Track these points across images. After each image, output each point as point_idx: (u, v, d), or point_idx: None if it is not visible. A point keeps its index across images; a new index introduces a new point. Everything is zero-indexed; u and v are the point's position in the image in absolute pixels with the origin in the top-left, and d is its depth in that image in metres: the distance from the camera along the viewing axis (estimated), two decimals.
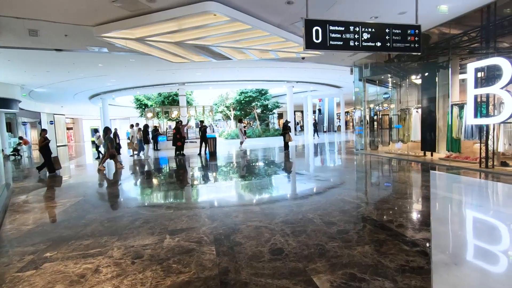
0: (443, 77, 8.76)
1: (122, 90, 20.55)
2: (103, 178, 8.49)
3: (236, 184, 6.90)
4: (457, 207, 4.54)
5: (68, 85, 17.17)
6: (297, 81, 20.99)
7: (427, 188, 5.57)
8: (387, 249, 2.90)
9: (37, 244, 3.42)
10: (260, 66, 15.18)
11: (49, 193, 6.71)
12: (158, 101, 24.97)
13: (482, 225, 3.73)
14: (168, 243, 3.30)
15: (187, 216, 4.29)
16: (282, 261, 2.74)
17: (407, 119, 10.10)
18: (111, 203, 5.65)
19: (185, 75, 17.00)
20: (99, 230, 3.84)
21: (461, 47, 8.53)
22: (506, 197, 5.12)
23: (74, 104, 26.83)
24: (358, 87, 12.54)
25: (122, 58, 11.54)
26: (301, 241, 3.18)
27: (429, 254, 2.77)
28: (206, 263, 2.77)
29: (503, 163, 6.83)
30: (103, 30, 7.21)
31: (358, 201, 4.83)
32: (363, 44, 5.25)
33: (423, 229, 3.41)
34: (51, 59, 11.16)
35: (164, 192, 6.33)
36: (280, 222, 3.84)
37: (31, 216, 4.67)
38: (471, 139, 7.75)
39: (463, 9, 7.01)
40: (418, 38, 5.56)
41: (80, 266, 2.82)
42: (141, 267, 2.74)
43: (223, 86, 23.17)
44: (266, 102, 27.61)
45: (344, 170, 8.38)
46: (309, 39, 4.97)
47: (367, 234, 3.35)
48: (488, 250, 2.93)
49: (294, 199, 5.26)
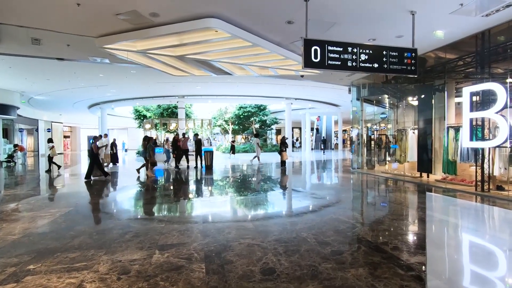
0: (439, 100, 8.88)
1: (122, 100, 20.64)
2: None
3: (230, 199, 6.81)
4: (453, 231, 4.48)
5: (68, 94, 17.23)
6: (296, 98, 21.21)
7: (423, 210, 5.52)
8: (381, 273, 2.82)
9: (21, 256, 3.31)
10: (260, 82, 15.36)
11: (40, 202, 6.57)
12: (157, 112, 25.06)
13: (478, 250, 3.67)
14: (157, 259, 3.20)
15: (179, 231, 4.20)
16: (273, 282, 2.66)
17: (404, 140, 10.16)
18: (105, 213, 5.53)
19: (185, 88, 17.16)
20: (86, 242, 3.73)
21: (456, 71, 8.71)
22: (502, 222, 5.07)
23: (72, 113, 26.84)
24: (355, 106, 12.69)
25: (123, 69, 11.66)
26: (294, 261, 3.10)
27: (424, 279, 2.70)
28: (194, 282, 2.68)
29: (498, 187, 6.81)
30: (105, 41, 7.31)
31: (353, 221, 4.76)
32: (360, 64, 5.35)
33: (418, 253, 3.34)
34: (52, 67, 11.25)
35: (157, 205, 6.22)
36: (273, 240, 3.75)
37: (18, 225, 4.54)
38: (467, 161, 7.77)
39: (459, 35, 7.20)
40: (414, 61, 5.67)
41: (64, 281, 2.71)
42: (126, 284, 2.64)
43: (222, 100, 23.38)
44: (264, 118, 27.79)
45: (340, 189, 8.32)
46: (308, 58, 5.05)
47: (362, 256, 3.27)
48: (485, 276, 2.86)
49: (288, 217, 5.19)
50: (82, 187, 8.46)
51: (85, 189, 8.19)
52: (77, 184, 9.29)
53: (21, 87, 15.54)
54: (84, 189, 8.21)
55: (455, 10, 5.81)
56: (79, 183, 9.43)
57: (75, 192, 7.79)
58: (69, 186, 9.23)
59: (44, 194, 7.67)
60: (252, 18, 6.49)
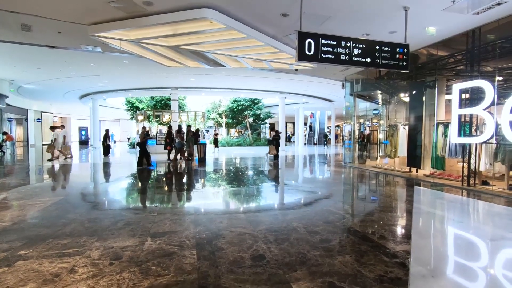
0: (430, 96, 9.04)
1: (114, 91, 20.35)
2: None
3: (221, 190, 6.87)
4: (438, 222, 4.63)
5: (59, 83, 16.91)
6: (289, 93, 21.24)
7: (410, 203, 5.67)
8: (367, 260, 2.92)
9: (12, 242, 3.31)
10: (254, 76, 15.33)
11: (30, 191, 6.52)
12: (150, 104, 24.81)
13: (460, 240, 3.81)
14: (149, 245, 3.25)
15: (171, 219, 4.24)
16: (263, 268, 2.73)
17: (395, 135, 10.33)
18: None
19: (178, 80, 17.01)
20: (78, 229, 3.75)
21: (447, 68, 8.86)
22: (485, 214, 5.25)
23: (63, 103, 26.37)
24: (348, 102, 12.80)
25: (116, 59, 11.49)
26: (283, 249, 3.18)
27: (408, 266, 2.81)
28: (186, 267, 2.74)
29: (484, 182, 7.02)
30: (98, 29, 7.20)
31: (342, 212, 4.87)
32: (353, 59, 5.41)
33: (403, 242, 3.46)
34: (42, 55, 11.03)
35: (150, 195, 6.24)
36: (264, 229, 3.83)
37: (8, 213, 4.52)
38: (454, 157, 7.97)
39: (450, 32, 7.31)
40: (406, 57, 5.76)
41: (55, 265, 2.74)
42: (119, 269, 2.69)
43: (216, 93, 23.25)
44: (258, 112, 27.78)
45: (331, 182, 8.45)
46: (302, 51, 5.08)
47: (349, 245, 3.37)
48: (465, 265, 2.99)
49: (279, 208, 5.27)
50: (73, 177, 8.37)
51: (75, 179, 8.12)
52: (70, 173, 9.20)
53: (10, 75, 15.19)
54: (75, 179, 8.14)
55: (447, 7, 5.90)
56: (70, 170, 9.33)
57: (65, 182, 7.73)
58: (58, 176, 9.15)
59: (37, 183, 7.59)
60: (247, 9, 6.47)
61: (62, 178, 8.72)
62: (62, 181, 8.17)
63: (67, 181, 8.13)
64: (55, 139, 13.22)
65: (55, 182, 7.89)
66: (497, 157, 6.75)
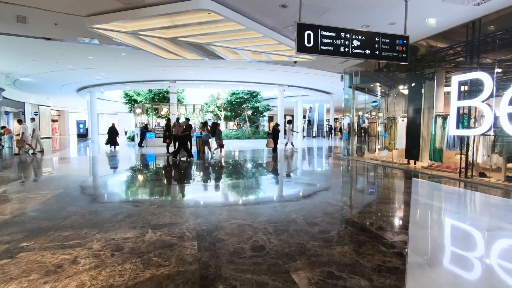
0: (429, 89, 9.03)
1: (112, 84, 20.21)
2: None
3: (221, 183, 6.90)
4: (435, 213, 4.68)
5: (56, 76, 16.77)
6: (288, 85, 21.16)
7: (408, 195, 5.73)
8: (365, 250, 2.97)
9: (13, 234, 3.34)
10: (252, 68, 15.24)
11: (30, 184, 6.53)
12: (148, 97, 24.67)
13: (457, 231, 3.87)
14: (149, 237, 3.28)
15: (171, 212, 4.27)
16: (262, 258, 2.77)
17: (393, 128, 10.35)
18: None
19: (176, 73, 16.89)
20: (79, 222, 3.78)
21: (446, 60, 8.83)
22: (482, 205, 5.31)
23: (60, 96, 26.20)
24: (347, 94, 12.77)
25: (113, 52, 11.38)
26: (283, 240, 3.22)
27: (405, 255, 2.86)
28: (187, 258, 2.77)
29: (481, 173, 7.08)
30: (95, 21, 7.11)
31: (341, 204, 4.92)
32: (353, 51, 5.37)
33: (401, 233, 3.51)
34: (39, 48, 10.90)
35: (150, 188, 6.27)
36: (264, 221, 3.87)
37: (9, 206, 4.54)
38: (452, 149, 8.01)
39: (450, 23, 7.27)
40: (406, 48, 5.73)
41: (58, 257, 2.77)
42: (120, 259, 2.72)
43: (214, 86, 23.11)
44: (257, 104, 27.68)
45: (330, 174, 8.50)
46: (301, 42, 5.04)
47: (348, 235, 3.42)
48: (462, 254, 3.04)
49: (278, 200, 5.31)
50: (74, 170, 8.36)
51: (75, 172, 8.13)
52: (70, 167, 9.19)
53: (6, 68, 15.03)
54: (74, 172, 8.15)
55: None
56: (70, 166, 9.32)
57: (66, 175, 7.74)
58: (59, 170, 9.15)
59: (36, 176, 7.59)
60: (246, 0, 6.40)
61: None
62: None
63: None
64: (22, 132, 12.72)
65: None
66: (495, 149, 6.79)
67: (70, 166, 9.96)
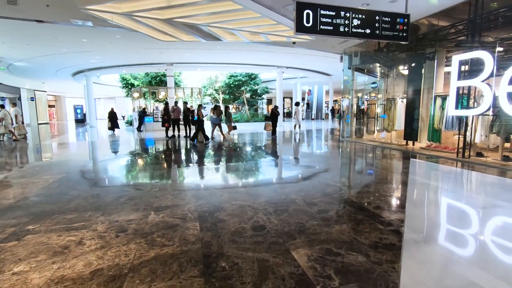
0: (429, 69, 8.94)
1: (108, 68, 19.90)
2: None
3: (221, 165, 6.96)
4: (432, 193, 4.78)
5: (50, 60, 16.48)
6: (287, 67, 20.88)
7: (405, 175, 5.81)
8: (363, 228, 3.05)
9: (19, 217, 3.41)
10: (250, 50, 14.98)
11: (31, 169, 6.58)
12: (145, 81, 24.37)
13: (453, 209, 3.96)
14: (152, 218, 3.35)
15: (172, 194, 4.34)
16: (263, 237, 2.85)
17: (392, 109, 10.33)
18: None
19: (173, 55, 16.61)
20: (82, 205, 3.85)
21: (448, 39, 8.69)
22: (478, 184, 5.41)
23: (56, 81, 25.84)
24: (347, 75, 12.64)
25: (108, 34, 11.13)
26: (283, 219, 3.30)
27: (402, 233, 2.95)
28: (189, 238, 2.85)
29: (478, 153, 7.15)
30: (88, 1, 6.92)
31: (339, 185, 5.00)
32: (353, 30, 5.28)
33: (398, 211, 3.60)
34: (31, 31, 10.65)
35: (151, 172, 6.32)
36: (264, 202, 3.95)
37: (12, 191, 4.60)
38: (451, 130, 8.05)
39: (453, 1, 7.09)
40: (406, 27, 5.63)
41: (64, 238, 2.85)
42: (125, 240, 2.80)
43: (212, 69, 22.81)
44: (255, 87, 27.44)
45: (328, 156, 8.57)
46: (300, 22, 4.95)
47: (346, 215, 3.50)
48: (456, 231, 3.14)
49: (278, 181, 5.39)
50: (75, 155, 8.39)
51: (78, 157, 8.16)
52: (74, 153, 9.22)
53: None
54: (76, 157, 8.18)
55: None
56: (74, 151, 9.33)
57: (66, 160, 7.78)
58: (59, 155, 9.19)
59: (36, 162, 7.63)
60: None
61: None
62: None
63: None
64: (2, 118, 12.43)
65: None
66: (493, 129, 6.82)
67: (70, 151, 9.99)
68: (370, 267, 2.30)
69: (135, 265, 2.35)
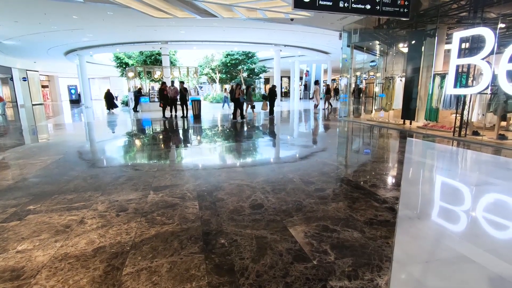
0: (429, 46, 8.79)
1: (100, 46, 19.33)
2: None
3: (219, 145, 6.98)
4: (427, 171, 4.85)
5: (40, 38, 15.95)
6: (285, 45, 20.40)
7: (402, 154, 5.87)
8: (358, 205, 3.13)
9: (19, 198, 3.44)
10: (247, 27, 14.57)
11: (28, 151, 6.55)
12: (139, 60, 23.82)
13: (447, 187, 4.05)
14: (152, 198, 3.40)
15: (171, 174, 4.38)
16: (261, 215, 2.92)
17: (391, 88, 10.25)
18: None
19: (168, 33, 16.12)
20: (81, 185, 3.88)
21: (449, 15, 8.49)
22: (472, 163, 5.49)
23: (48, 60, 25.14)
24: (346, 54, 12.40)
25: (99, 10, 10.72)
26: (280, 198, 3.36)
27: (396, 210, 3.02)
28: (189, 216, 2.91)
29: (474, 132, 7.20)
30: None
31: (336, 164, 5.05)
32: (352, 6, 5.13)
33: (393, 189, 3.67)
34: (19, 7, 10.23)
35: (148, 152, 6.33)
36: (262, 181, 4.00)
37: (11, 172, 4.61)
38: (449, 108, 8.05)
39: None
40: (408, 3, 5.48)
41: (65, 218, 2.89)
42: (125, 219, 2.85)
43: (208, 47, 22.21)
44: (253, 66, 26.95)
45: (326, 135, 8.59)
46: None
47: (342, 193, 3.57)
48: (449, 208, 3.22)
49: (275, 161, 5.43)
50: (70, 136, 8.34)
51: (73, 138, 8.13)
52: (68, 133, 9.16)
53: None
54: (72, 138, 8.15)
55: None
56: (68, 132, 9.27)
57: (63, 141, 7.75)
58: (55, 136, 9.13)
59: (29, 144, 7.59)
60: None
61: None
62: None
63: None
64: None
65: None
66: (490, 108, 6.83)
67: (67, 132, 9.92)
68: (365, 242, 2.38)
69: (136, 243, 2.41)
